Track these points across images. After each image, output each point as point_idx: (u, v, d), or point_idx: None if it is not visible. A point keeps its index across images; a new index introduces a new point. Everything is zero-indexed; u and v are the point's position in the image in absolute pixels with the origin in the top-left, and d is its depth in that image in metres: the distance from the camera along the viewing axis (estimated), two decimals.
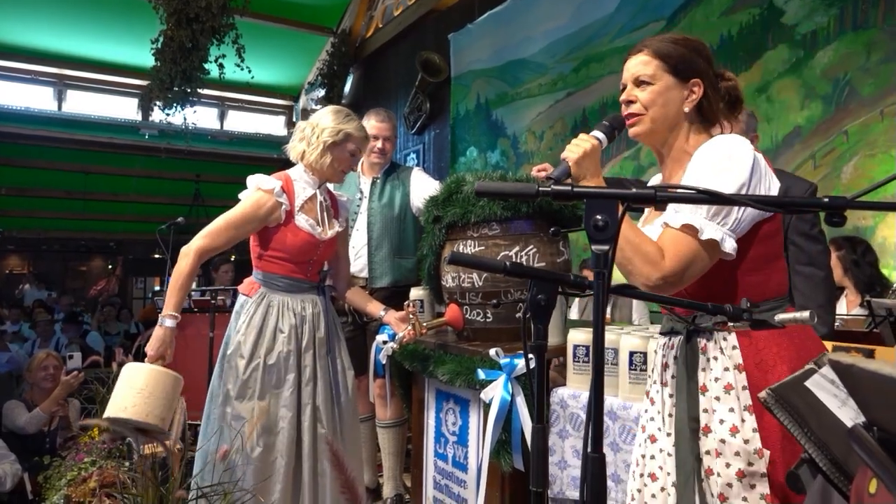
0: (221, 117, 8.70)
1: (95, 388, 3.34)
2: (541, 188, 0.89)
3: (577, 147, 1.31)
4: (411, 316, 2.30)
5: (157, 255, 10.62)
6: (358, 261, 3.04)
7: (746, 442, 1.19)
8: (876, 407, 0.67)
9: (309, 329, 2.25)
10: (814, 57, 3.28)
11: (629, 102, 1.36)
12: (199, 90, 6.50)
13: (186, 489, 2.12)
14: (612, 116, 1.39)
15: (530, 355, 1.00)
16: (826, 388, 0.89)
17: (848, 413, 0.85)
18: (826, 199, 0.79)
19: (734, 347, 1.24)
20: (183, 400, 3.44)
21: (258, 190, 2.23)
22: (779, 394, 0.83)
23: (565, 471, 2.00)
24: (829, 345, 1.64)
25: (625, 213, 0.90)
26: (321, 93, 7.58)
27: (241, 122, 8.78)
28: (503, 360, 2.01)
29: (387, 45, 6.83)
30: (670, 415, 1.31)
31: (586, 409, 1.28)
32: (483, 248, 2.29)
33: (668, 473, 1.29)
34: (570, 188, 0.89)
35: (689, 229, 1.18)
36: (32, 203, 10.03)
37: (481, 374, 2.05)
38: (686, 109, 1.32)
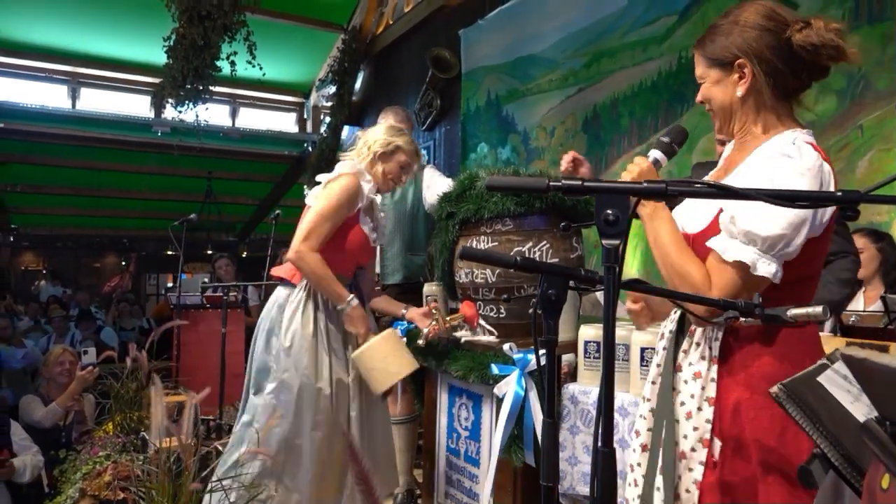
0: (233, 114, 8.74)
1: (109, 383, 3.38)
2: (551, 183, 0.90)
3: (633, 168, 1.29)
4: (434, 311, 2.33)
5: (169, 252, 10.69)
6: None
7: (696, 429, 1.22)
8: (889, 401, 0.67)
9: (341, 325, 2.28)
10: None
11: (701, 102, 1.33)
12: (211, 87, 6.53)
13: (202, 481, 2.14)
14: (671, 129, 1.37)
15: (541, 350, 1.01)
16: (839, 384, 0.88)
17: (861, 408, 0.85)
18: (840, 193, 0.78)
19: (716, 340, 1.23)
20: (195, 395, 3.48)
21: (342, 175, 2.25)
22: (790, 389, 0.82)
23: (576, 467, 2.00)
24: (841, 340, 1.63)
25: (636, 207, 0.90)
26: (332, 89, 7.59)
27: (253, 119, 8.81)
28: (516, 356, 2.01)
29: (397, 41, 6.83)
30: (648, 399, 1.35)
31: (596, 405, 1.28)
32: (496, 243, 2.29)
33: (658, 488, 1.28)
34: (580, 182, 0.89)
35: (740, 266, 1.15)
36: (47, 200, 10.13)
37: (495, 370, 2.05)
38: (739, 94, 1.23)
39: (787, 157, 1.15)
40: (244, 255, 10.06)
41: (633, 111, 4.22)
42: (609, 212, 0.86)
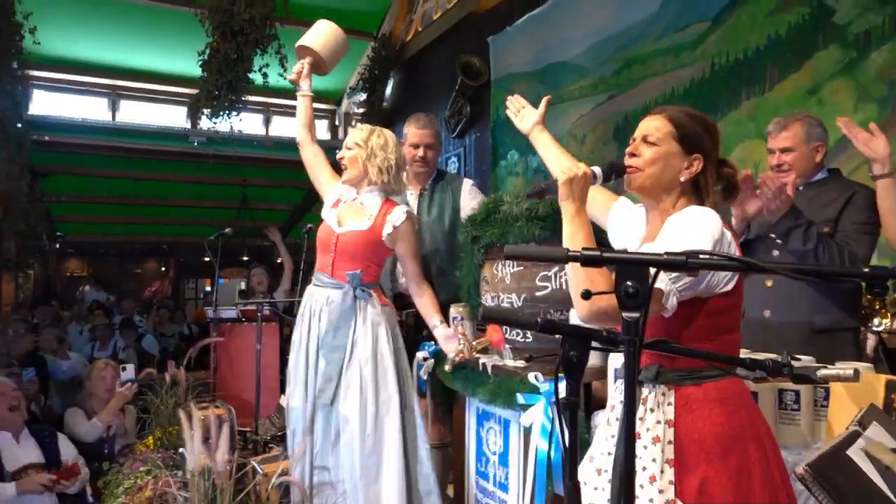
0: (266, 123, 8.87)
1: (150, 398, 3.48)
2: (570, 252, 0.89)
3: (570, 170, 1.46)
4: (461, 335, 2.33)
5: (207, 258, 10.93)
6: None
7: (661, 492, 1.28)
8: None
9: None
10: (868, 57, 3.15)
11: (632, 155, 1.45)
12: (245, 97, 6.65)
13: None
14: (615, 161, 1.52)
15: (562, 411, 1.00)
16: (872, 453, 0.86)
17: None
18: (867, 270, 0.76)
19: (669, 404, 1.32)
20: (232, 409, 3.55)
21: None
22: (817, 470, 0.81)
23: None
24: (882, 378, 1.57)
25: (656, 278, 0.89)
26: (363, 97, 7.65)
27: (286, 128, 8.93)
28: (542, 385, 2.00)
29: (426, 48, 6.84)
30: (610, 453, 1.41)
31: (614, 471, 1.33)
32: (521, 267, 2.28)
33: None
34: (598, 253, 0.88)
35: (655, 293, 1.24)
36: (90, 209, 10.43)
37: (520, 399, 2.05)
38: (682, 179, 1.42)
39: (687, 213, 1.35)
40: (279, 261, 10.23)
41: None
42: (629, 283, 0.85)
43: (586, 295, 0.92)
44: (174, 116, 8.53)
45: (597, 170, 1.49)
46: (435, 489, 2.41)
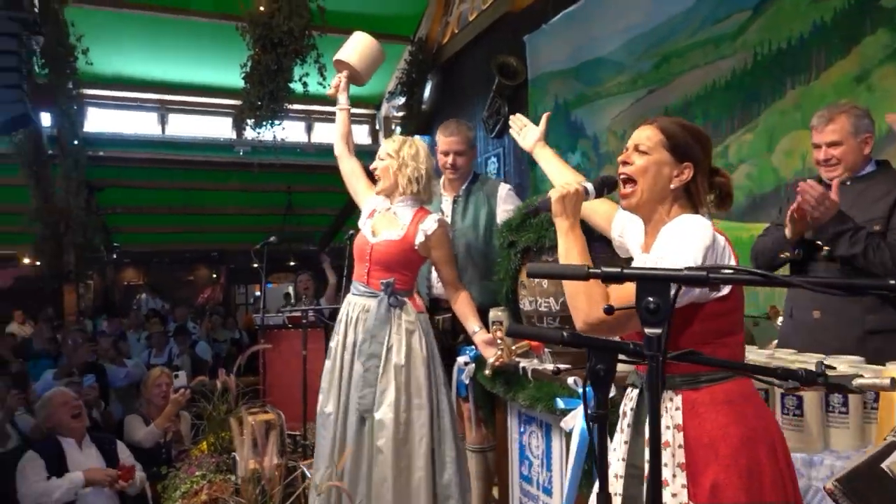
0: (308, 130, 9.04)
1: (203, 405, 3.60)
2: (591, 270, 0.90)
3: (563, 188, 1.54)
4: (499, 340, 2.34)
5: (255, 265, 11.23)
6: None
7: (674, 496, 1.29)
8: None
9: None
10: None
11: (625, 164, 1.49)
12: (287, 106, 6.79)
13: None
14: (606, 176, 1.60)
15: (592, 424, 1.01)
16: None
17: None
18: (893, 282, 0.75)
19: (677, 409, 1.33)
20: (282, 414, 3.63)
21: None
22: (849, 485, 0.79)
23: None
24: None
25: (677, 294, 0.89)
26: (401, 101, 7.73)
27: (328, 134, 9.08)
28: (582, 389, 1.99)
29: (463, 50, 6.86)
30: (622, 459, 1.42)
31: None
32: None
33: None
34: (619, 270, 0.88)
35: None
36: (143, 220, 10.86)
37: (560, 404, 2.04)
38: (672, 186, 1.45)
39: (678, 223, 1.38)
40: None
41: (707, 112, 4.07)
42: (650, 300, 0.85)
43: (609, 311, 0.93)
44: (220, 128, 8.79)
45: (589, 186, 1.58)
46: (455, 493, 2.43)
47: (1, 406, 3.99)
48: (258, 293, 11.71)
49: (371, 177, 2.80)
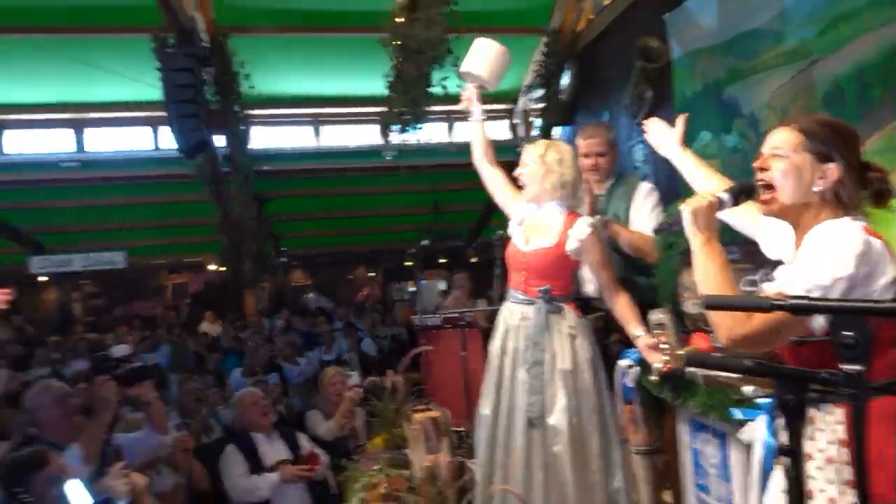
0: (450, 130, 9.27)
1: (374, 403, 3.87)
2: (774, 302, 0.89)
3: (693, 203, 1.49)
4: (665, 345, 2.30)
5: (407, 263, 11.77)
6: (591, 283, 3.05)
7: None
8: None
9: None
10: None
11: (762, 169, 1.41)
12: (429, 108, 7.04)
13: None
14: (744, 183, 1.51)
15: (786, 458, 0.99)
16: None
17: None
18: None
19: (839, 423, 1.25)
20: (447, 412, 3.81)
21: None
22: None
23: None
24: None
25: (867, 327, 0.85)
26: (539, 93, 7.70)
27: (468, 132, 9.26)
28: (762, 401, 1.90)
29: (600, 36, 6.69)
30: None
31: None
32: None
33: None
34: (806, 301, 0.86)
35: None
36: (305, 225, 11.82)
37: (737, 414, 1.96)
38: (816, 189, 1.35)
39: (822, 232, 1.29)
40: (474, 260, 10.72)
41: (885, 81, 3.65)
42: (847, 334, 0.83)
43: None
44: (368, 135, 9.27)
45: (724, 196, 1.49)
46: (624, 499, 2.42)
47: (205, 402, 4.55)
48: (411, 289, 12.24)
49: (515, 181, 2.85)
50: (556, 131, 7.61)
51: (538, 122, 8.04)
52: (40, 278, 11.62)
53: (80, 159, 8.90)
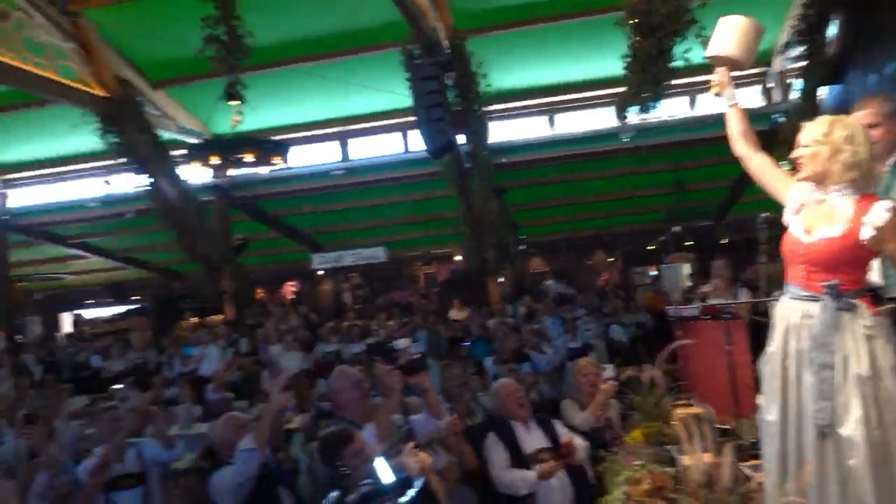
0: (692, 103, 8.70)
1: (631, 397, 3.81)
2: None
3: None
4: None
5: (650, 247, 11.33)
6: (873, 271, 2.65)
7: None
8: None
9: None
10: None
11: None
12: (667, 83, 6.70)
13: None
14: None
15: None
16: None
17: None
18: None
19: None
20: (710, 408, 3.62)
21: None
22: None
23: None
24: None
25: None
26: (799, 50, 6.87)
27: (712, 104, 8.61)
28: None
29: None
30: None
31: None
32: None
33: None
34: None
35: None
36: (542, 213, 12.06)
37: None
38: None
39: None
40: (724, 241, 9.94)
41: None
42: None
43: None
44: (603, 118, 9.12)
45: None
46: None
47: (467, 388, 4.89)
48: (653, 272, 11.78)
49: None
50: (822, 92, 6.73)
51: (798, 83, 7.18)
52: (318, 272, 13.41)
53: (346, 167, 10.14)
